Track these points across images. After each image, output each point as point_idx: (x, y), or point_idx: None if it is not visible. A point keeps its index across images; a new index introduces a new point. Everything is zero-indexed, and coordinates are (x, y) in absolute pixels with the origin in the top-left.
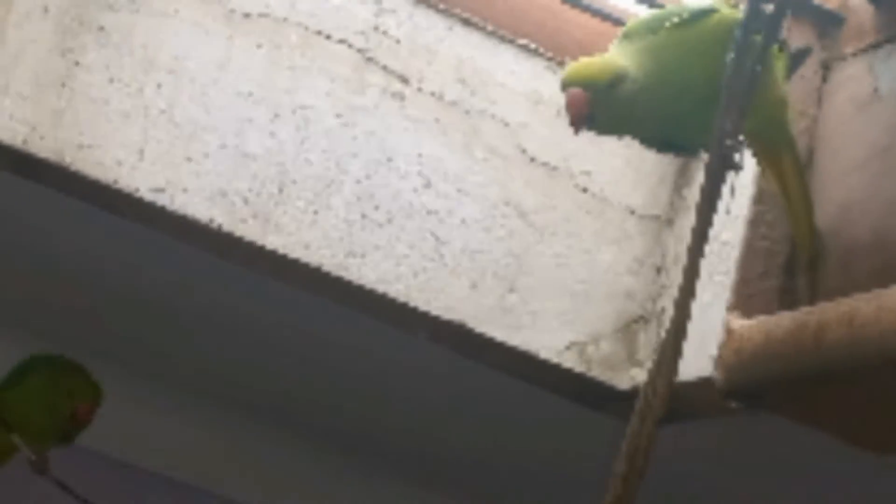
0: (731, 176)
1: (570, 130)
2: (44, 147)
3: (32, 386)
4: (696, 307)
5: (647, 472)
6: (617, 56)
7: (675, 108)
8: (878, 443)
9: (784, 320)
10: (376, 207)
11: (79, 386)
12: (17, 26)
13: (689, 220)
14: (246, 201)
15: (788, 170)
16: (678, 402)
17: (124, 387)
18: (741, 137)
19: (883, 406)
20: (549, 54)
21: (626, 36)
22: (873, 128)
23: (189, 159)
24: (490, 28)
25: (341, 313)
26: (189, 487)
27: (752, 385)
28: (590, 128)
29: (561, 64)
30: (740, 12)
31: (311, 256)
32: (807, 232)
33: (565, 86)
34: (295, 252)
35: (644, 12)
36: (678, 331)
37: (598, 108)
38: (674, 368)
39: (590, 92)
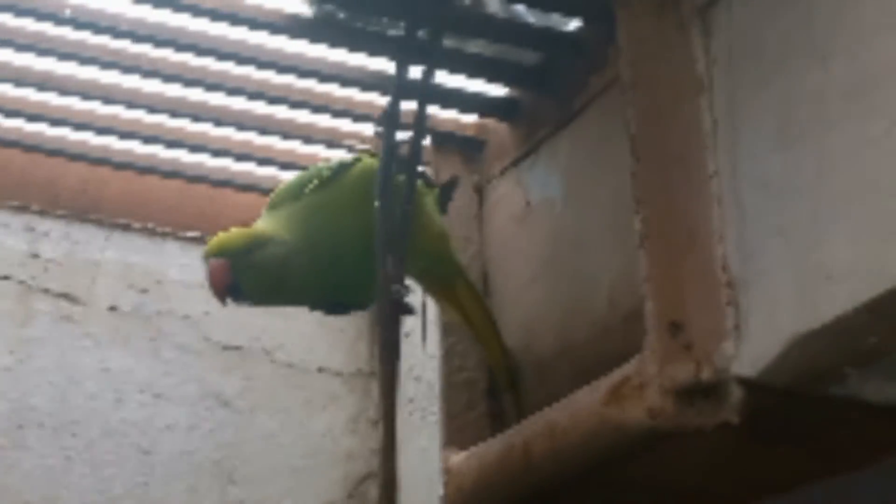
0: (420, 317)
1: (253, 311)
2: None
3: None
4: (416, 452)
5: None
6: (263, 224)
7: (334, 267)
8: None
9: (494, 446)
10: (73, 435)
11: None
12: None
13: None
14: None
15: (465, 299)
16: None
17: None
18: (406, 280)
19: None
20: None
21: (272, 205)
22: (534, 240)
23: None
24: (150, 227)
25: None
26: None
27: None
28: (237, 297)
29: None
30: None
31: (17, 501)
32: (498, 354)
33: (205, 258)
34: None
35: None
36: (388, 484)
37: (240, 275)
38: None
39: (229, 260)
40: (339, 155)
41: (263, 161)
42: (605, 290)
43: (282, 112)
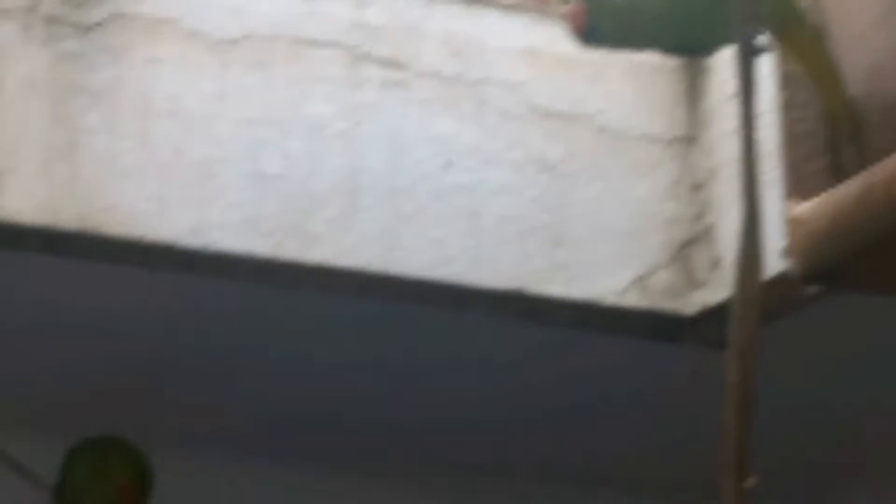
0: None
1: (573, 77)
2: (64, 219)
3: (77, 477)
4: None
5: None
6: None
7: (683, 7)
8: None
9: (850, 187)
10: (405, 198)
11: (120, 464)
12: (10, 107)
13: (710, 134)
14: (277, 223)
15: (807, 46)
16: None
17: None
18: (758, 22)
19: None
20: (535, 6)
21: None
22: None
23: (210, 196)
24: None
25: (393, 311)
26: None
27: (830, 263)
28: (596, 40)
29: (547, 14)
30: None
31: (354, 260)
32: (840, 103)
33: (564, 2)
34: (338, 260)
35: None
36: (750, 222)
37: (597, 18)
38: (757, 258)
39: (585, 3)
40: None
41: None
42: None
43: None
